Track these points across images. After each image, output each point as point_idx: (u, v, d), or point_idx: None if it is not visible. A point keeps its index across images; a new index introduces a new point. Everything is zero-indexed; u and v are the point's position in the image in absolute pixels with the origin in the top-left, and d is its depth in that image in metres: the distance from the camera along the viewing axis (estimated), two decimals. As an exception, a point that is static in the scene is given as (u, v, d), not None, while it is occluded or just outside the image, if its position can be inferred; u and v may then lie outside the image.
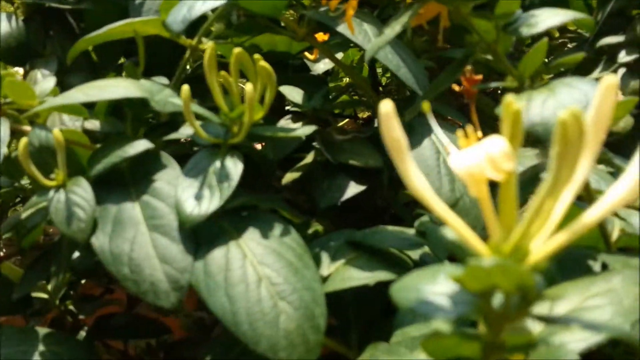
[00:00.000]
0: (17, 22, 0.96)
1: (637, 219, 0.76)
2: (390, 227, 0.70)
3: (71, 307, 0.87)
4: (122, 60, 1.04)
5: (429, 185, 0.33)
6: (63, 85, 0.79)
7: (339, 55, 1.01)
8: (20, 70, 0.95)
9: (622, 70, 0.98)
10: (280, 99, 0.86)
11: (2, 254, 0.93)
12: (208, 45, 0.60)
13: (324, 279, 0.65)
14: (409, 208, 0.84)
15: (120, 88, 0.66)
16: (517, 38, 0.60)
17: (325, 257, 0.68)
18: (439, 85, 0.63)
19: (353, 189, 0.79)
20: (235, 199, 0.68)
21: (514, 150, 0.30)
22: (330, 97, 0.98)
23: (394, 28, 0.61)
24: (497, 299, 0.32)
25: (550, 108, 0.49)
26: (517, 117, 0.30)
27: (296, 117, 0.84)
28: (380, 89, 1.23)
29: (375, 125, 1.06)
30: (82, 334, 0.86)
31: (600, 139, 0.31)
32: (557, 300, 0.50)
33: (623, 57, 0.96)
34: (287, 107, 0.98)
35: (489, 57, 0.61)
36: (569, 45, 1.18)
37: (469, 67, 0.73)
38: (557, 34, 1.56)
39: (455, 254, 0.32)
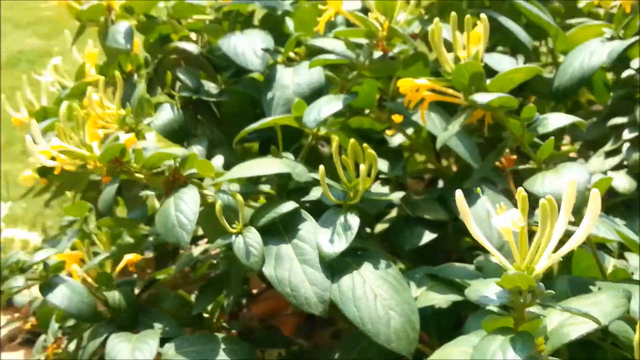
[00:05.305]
0: (178, 111, 1.28)
1: (636, 260, 1.00)
2: (456, 264, 0.98)
3: (224, 324, 1.18)
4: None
5: (483, 233, 0.62)
6: (211, 156, 1.09)
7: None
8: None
9: (626, 145, 1.23)
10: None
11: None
12: (334, 139, 0.91)
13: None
14: (468, 251, 1.15)
15: (274, 166, 0.98)
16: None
17: (412, 285, 0.96)
18: (487, 164, 0.92)
19: (427, 236, 1.09)
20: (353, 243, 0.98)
21: (524, 216, 0.58)
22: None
23: (454, 126, 0.90)
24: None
25: (557, 184, 0.77)
26: (524, 199, 0.58)
27: (383, 182, 1.15)
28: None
29: (439, 186, 1.38)
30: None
31: (569, 210, 0.59)
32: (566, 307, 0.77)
33: (627, 135, 1.22)
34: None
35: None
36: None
37: (507, 151, 1.03)
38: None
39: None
